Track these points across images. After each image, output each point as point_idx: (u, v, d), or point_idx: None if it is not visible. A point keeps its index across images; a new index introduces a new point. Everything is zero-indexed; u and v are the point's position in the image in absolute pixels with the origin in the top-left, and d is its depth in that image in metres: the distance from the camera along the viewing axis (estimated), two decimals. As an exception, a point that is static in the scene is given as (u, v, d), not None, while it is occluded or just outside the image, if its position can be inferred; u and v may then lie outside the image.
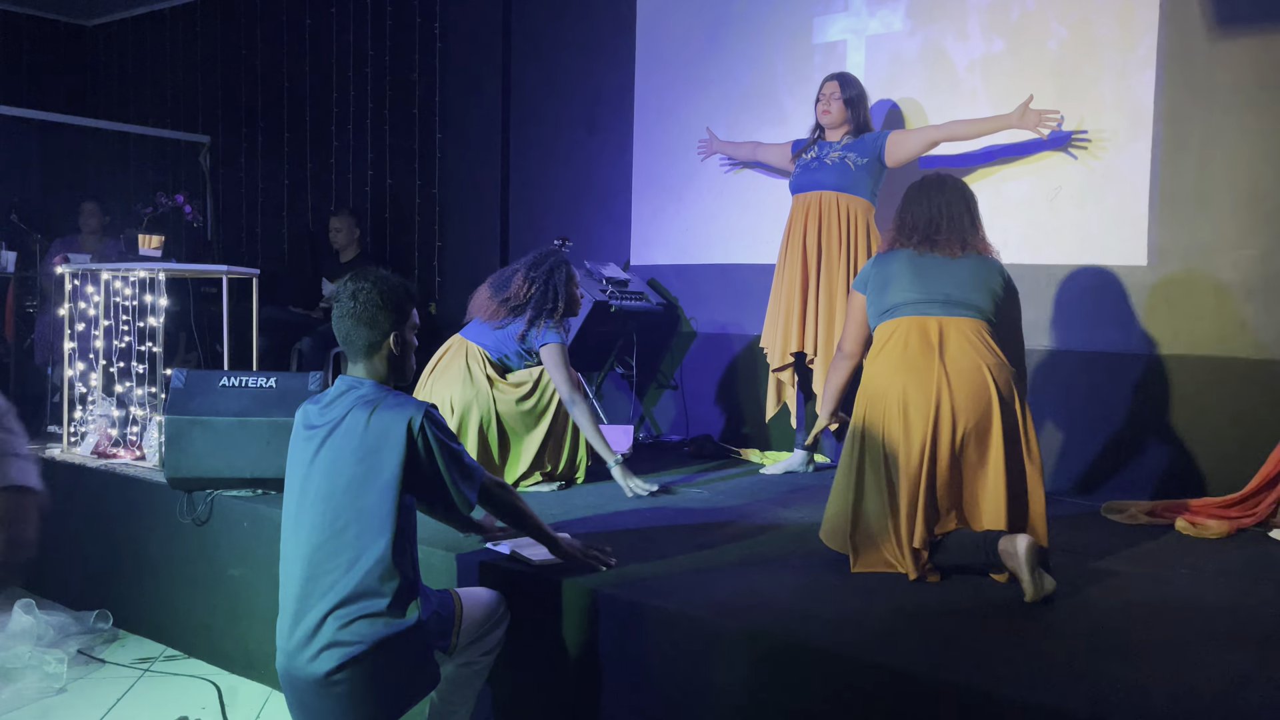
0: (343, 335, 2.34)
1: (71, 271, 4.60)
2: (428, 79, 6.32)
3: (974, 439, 2.69)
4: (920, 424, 2.67)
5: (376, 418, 2.25)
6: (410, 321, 2.38)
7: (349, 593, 2.18)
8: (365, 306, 2.30)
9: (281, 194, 7.16)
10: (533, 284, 3.76)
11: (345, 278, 2.37)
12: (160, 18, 7.90)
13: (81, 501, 4.16)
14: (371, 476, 2.21)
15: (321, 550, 2.21)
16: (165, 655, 3.70)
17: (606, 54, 5.50)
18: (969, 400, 2.69)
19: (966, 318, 2.80)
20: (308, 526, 2.24)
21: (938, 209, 2.89)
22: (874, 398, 2.77)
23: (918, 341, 2.76)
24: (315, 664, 2.17)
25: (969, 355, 2.73)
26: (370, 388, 2.32)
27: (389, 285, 2.33)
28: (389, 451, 2.22)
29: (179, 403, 3.56)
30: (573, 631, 2.55)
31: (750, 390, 4.95)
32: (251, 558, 3.39)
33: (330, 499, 2.22)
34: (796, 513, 3.46)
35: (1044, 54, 4.14)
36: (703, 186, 5.13)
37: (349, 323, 2.32)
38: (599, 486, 3.88)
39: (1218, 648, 2.18)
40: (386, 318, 2.31)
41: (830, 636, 2.20)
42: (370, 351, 2.33)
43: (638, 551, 2.86)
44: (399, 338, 2.34)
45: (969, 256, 2.86)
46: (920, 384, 2.70)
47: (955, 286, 2.81)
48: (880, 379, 2.77)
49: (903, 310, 2.84)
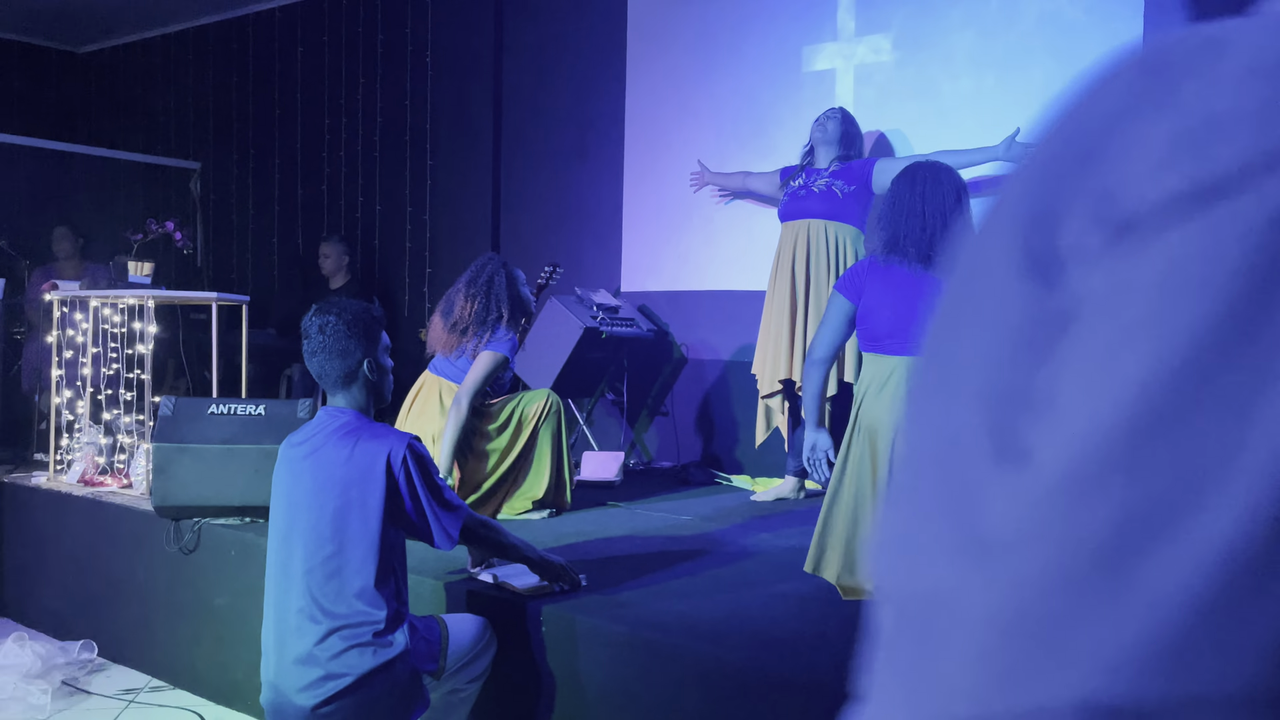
0: (317, 370, 2.34)
1: (60, 298, 4.58)
2: (419, 106, 6.34)
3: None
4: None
5: (360, 449, 2.25)
6: (381, 345, 2.39)
7: (337, 624, 2.17)
8: (334, 338, 2.30)
9: (272, 220, 7.16)
10: (474, 300, 3.70)
11: (310, 312, 2.38)
12: (151, 45, 7.93)
13: (68, 530, 4.12)
14: (355, 508, 2.21)
15: (308, 580, 2.20)
16: (150, 686, 3.66)
17: (598, 81, 5.54)
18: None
19: None
20: (294, 558, 2.23)
21: (931, 214, 2.77)
22: (870, 433, 2.76)
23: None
24: (304, 696, 2.16)
25: None
26: (352, 418, 2.32)
27: (354, 313, 2.34)
28: (372, 484, 2.22)
29: (167, 430, 3.54)
30: (557, 659, 2.53)
31: (741, 416, 4.95)
32: (239, 587, 3.37)
33: (316, 530, 2.22)
34: (787, 540, 3.45)
35: (1031, 83, 4.19)
36: (693, 213, 5.15)
37: (321, 357, 2.32)
38: (588, 514, 3.86)
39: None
40: (357, 345, 2.32)
41: (817, 666, 2.19)
42: (347, 381, 2.34)
43: (626, 578, 2.85)
44: (373, 363, 2.35)
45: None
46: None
47: None
48: (878, 415, 2.75)
49: (898, 346, 2.80)
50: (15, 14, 7.55)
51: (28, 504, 4.36)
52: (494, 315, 3.70)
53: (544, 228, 5.76)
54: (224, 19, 7.41)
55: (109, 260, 5.92)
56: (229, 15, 7.36)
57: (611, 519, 3.78)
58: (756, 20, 4.95)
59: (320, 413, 2.37)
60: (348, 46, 6.69)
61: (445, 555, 3.11)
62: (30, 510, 4.34)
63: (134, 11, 7.43)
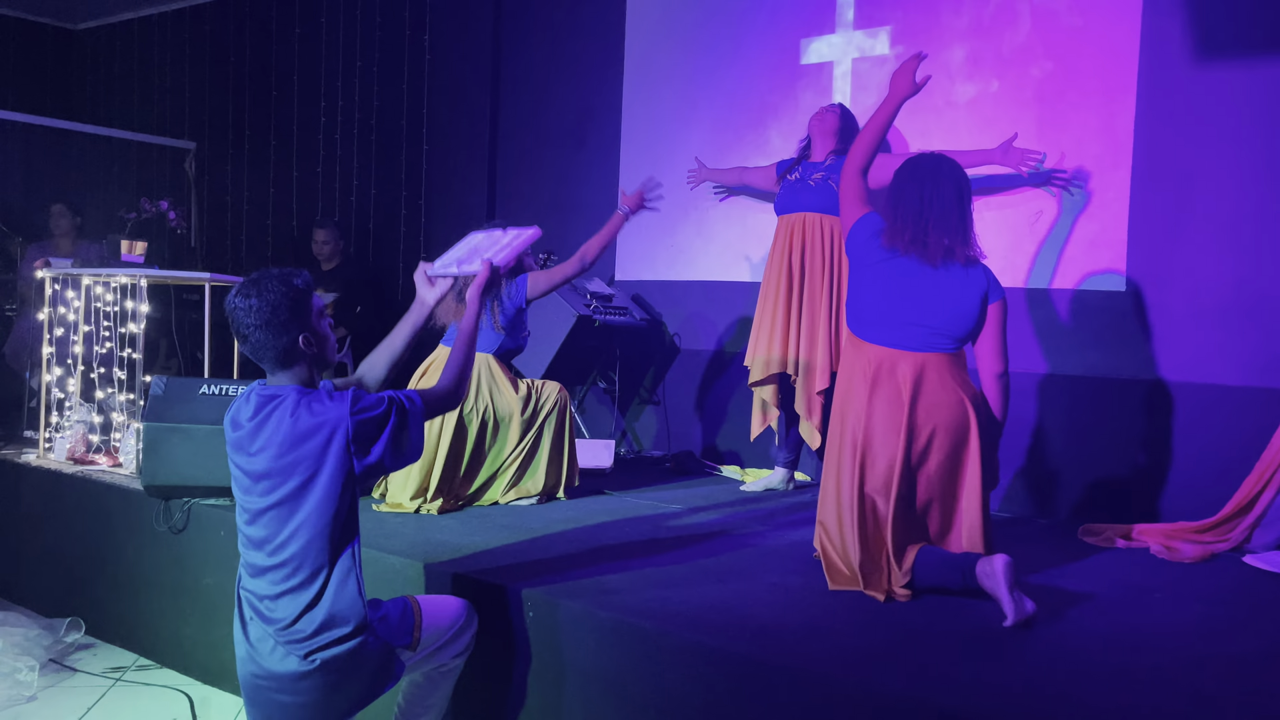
0: (251, 352, 2.22)
1: (52, 276, 4.57)
2: (416, 90, 6.33)
3: (948, 469, 2.74)
4: (886, 457, 2.71)
5: (302, 425, 2.16)
6: (314, 313, 2.24)
7: (305, 601, 2.18)
8: (261, 319, 2.16)
9: (267, 202, 7.14)
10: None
11: (232, 292, 2.21)
12: (148, 23, 7.89)
13: (57, 508, 4.12)
14: (308, 486, 2.18)
15: (274, 557, 2.20)
16: (137, 664, 3.66)
17: (595, 70, 5.53)
18: (946, 434, 2.72)
19: (945, 354, 2.80)
20: (256, 538, 2.23)
21: (929, 202, 2.79)
22: (841, 424, 2.81)
23: (889, 379, 2.76)
24: (280, 665, 2.19)
25: (949, 390, 2.75)
26: (292, 394, 2.21)
27: (278, 290, 2.18)
28: (325, 461, 2.17)
29: (158, 410, 3.54)
30: (543, 645, 2.54)
31: (732, 407, 4.96)
32: (227, 566, 3.37)
33: (275, 511, 2.20)
34: (775, 530, 3.47)
35: (1027, 82, 4.19)
36: (688, 203, 5.15)
37: (252, 341, 2.18)
38: (578, 502, 3.88)
39: (1194, 672, 2.20)
40: (289, 322, 2.18)
41: (802, 654, 2.21)
42: (286, 360, 2.22)
43: (613, 565, 2.86)
44: (309, 337, 2.22)
45: (953, 270, 2.80)
46: (888, 419, 2.73)
47: (936, 315, 2.79)
48: (849, 406, 2.80)
49: (877, 335, 2.83)
50: (11, -11, 7.51)
51: (17, 481, 4.35)
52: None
53: (539, 216, 5.74)
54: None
55: (102, 239, 5.90)
56: (227, -5, 7.33)
57: (601, 507, 3.79)
58: (755, 11, 4.94)
59: (257, 394, 2.24)
60: (345, 28, 6.67)
61: (428, 539, 3.12)
62: (19, 488, 4.34)
63: (131, -11, 7.39)
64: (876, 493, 2.73)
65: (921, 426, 2.72)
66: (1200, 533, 3.42)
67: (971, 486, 2.75)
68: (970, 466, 2.75)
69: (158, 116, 7.80)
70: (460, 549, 3.01)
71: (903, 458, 2.69)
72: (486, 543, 3.10)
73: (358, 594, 2.22)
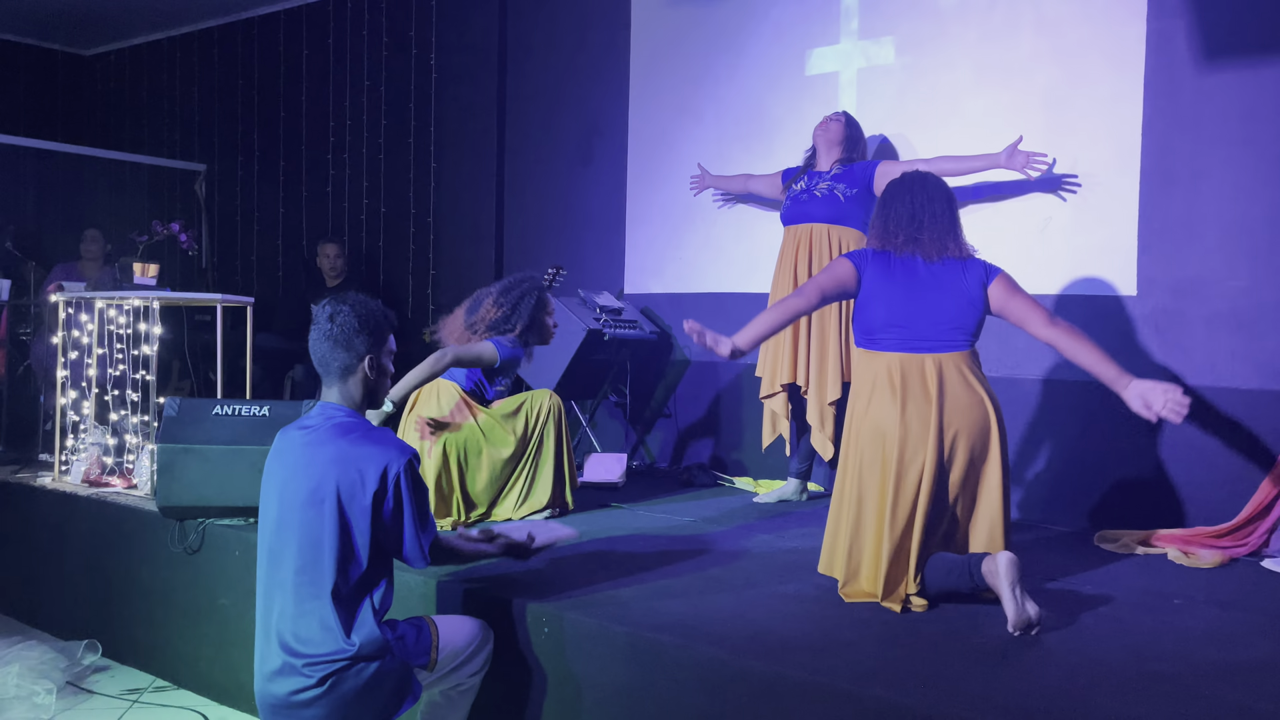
0: (319, 357, 2.34)
1: (66, 299, 4.60)
2: (423, 107, 6.36)
3: (971, 470, 2.73)
4: (918, 461, 2.69)
5: (355, 451, 2.25)
6: (386, 347, 2.38)
7: (325, 619, 2.19)
8: (342, 329, 2.30)
9: (277, 222, 7.18)
10: (499, 308, 3.79)
11: (325, 301, 2.37)
12: (158, 47, 7.96)
13: (72, 531, 4.14)
14: (345, 506, 2.23)
15: (300, 576, 2.22)
16: (154, 686, 3.67)
17: (601, 84, 5.55)
18: (969, 434, 2.72)
19: (959, 352, 2.80)
20: (286, 548, 2.25)
21: (920, 206, 2.86)
22: (870, 434, 2.77)
23: (916, 381, 2.76)
24: (292, 687, 2.19)
25: (970, 390, 2.76)
26: (345, 415, 2.31)
27: (367, 309, 2.33)
28: (362, 488, 2.23)
29: (172, 431, 3.56)
30: (557, 660, 2.54)
31: (743, 419, 4.96)
32: (242, 587, 3.38)
33: (306, 527, 2.23)
34: (788, 541, 3.46)
35: (1033, 87, 4.19)
36: (696, 216, 5.16)
37: (326, 344, 2.31)
38: (591, 515, 3.87)
39: (1212, 680, 2.18)
40: (363, 341, 2.31)
41: (820, 669, 2.20)
42: (345, 374, 2.33)
43: (627, 579, 2.86)
44: (374, 361, 2.34)
45: (950, 265, 2.83)
46: (920, 422, 2.71)
47: (943, 313, 2.80)
48: (877, 415, 2.76)
49: (892, 342, 2.83)
50: (22, 17, 7.58)
51: (32, 504, 4.37)
52: (509, 327, 3.80)
53: (547, 230, 5.77)
54: (229, 21, 7.44)
55: (115, 262, 5.95)
56: (234, 18, 7.39)
57: (614, 520, 3.78)
58: (760, 23, 4.96)
59: (317, 408, 2.36)
60: (352, 49, 6.71)
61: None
62: (35, 510, 4.36)
63: (140, 14, 7.46)
64: (908, 499, 2.70)
65: (948, 427, 2.71)
66: (1218, 537, 3.40)
67: (992, 485, 2.74)
68: (991, 466, 2.74)
69: (168, 139, 7.86)
70: (471, 566, 3.00)
71: (935, 460, 2.68)
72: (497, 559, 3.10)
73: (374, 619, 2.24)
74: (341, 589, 2.21)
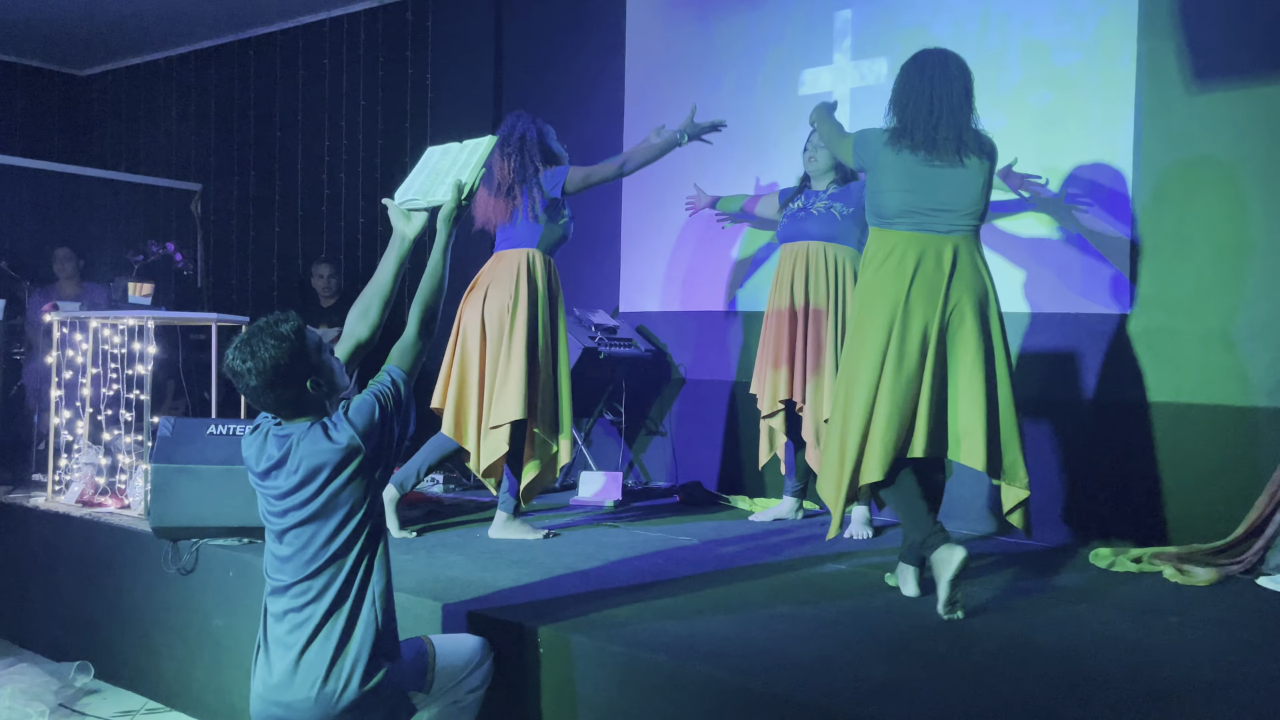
0: (267, 407, 2.21)
1: (60, 319, 4.60)
2: (418, 127, 6.38)
3: (966, 358, 2.82)
4: (928, 317, 2.81)
5: (314, 455, 2.18)
6: (312, 349, 2.21)
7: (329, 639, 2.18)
8: (264, 376, 2.14)
9: (272, 241, 7.19)
10: (509, 159, 3.84)
11: (227, 360, 2.19)
12: (154, 67, 7.98)
13: (66, 551, 4.12)
14: (330, 515, 2.21)
15: (299, 596, 2.21)
16: (146, 708, 3.64)
17: (596, 103, 5.57)
18: (972, 320, 2.82)
19: (970, 235, 2.90)
20: (285, 573, 2.24)
21: (939, 98, 2.89)
22: (878, 304, 2.86)
23: (930, 261, 2.85)
24: (295, 695, 2.18)
25: (980, 275, 2.88)
26: (307, 429, 2.22)
27: (269, 341, 2.15)
28: (341, 487, 2.19)
29: (166, 451, 3.55)
30: (555, 680, 2.52)
31: (739, 437, 4.96)
32: (237, 607, 3.36)
33: (301, 541, 2.22)
34: (785, 560, 3.45)
35: (1025, 107, 4.22)
36: (691, 234, 5.17)
37: (268, 396, 2.17)
38: (586, 534, 3.87)
39: (1207, 697, 2.18)
40: (296, 368, 2.16)
41: (818, 688, 2.19)
42: (300, 408, 2.21)
43: (624, 599, 2.85)
44: (316, 380, 2.20)
45: (967, 164, 2.89)
46: (929, 300, 2.82)
47: (957, 196, 2.88)
48: (888, 288, 2.86)
49: (907, 223, 2.90)
50: (18, 37, 7.61)
51: (25, 524, 4.35)
52: (531, 169, 3.85)
53: (543, 249, 5.77)
54: (225, 42, 7.47)
55: (109, 281, 5.95)
56: (230, 38, 7.42)
57: (609, 539, 3.78)
58: (754, 43, 4.99)
59: (270, 438, 2.23)
60: (348, 68, 6.74)
61: (437, 576, 3.11)
62: (28, 531, 4.34)
63: (136, 34, 7.48)
64: (908, 359, 2.80)
65: (953, 297, 2.83)
66: (1213, 555, 3.40)
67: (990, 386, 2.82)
68: (991, 351, 2.84)
69: (164, 159, 7.87)
70: (470, 585, 3.00)
71: (939, 323, 2.80)
72: (496, 579, 3.09)
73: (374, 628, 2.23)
74: (349, 607, 2.21)
